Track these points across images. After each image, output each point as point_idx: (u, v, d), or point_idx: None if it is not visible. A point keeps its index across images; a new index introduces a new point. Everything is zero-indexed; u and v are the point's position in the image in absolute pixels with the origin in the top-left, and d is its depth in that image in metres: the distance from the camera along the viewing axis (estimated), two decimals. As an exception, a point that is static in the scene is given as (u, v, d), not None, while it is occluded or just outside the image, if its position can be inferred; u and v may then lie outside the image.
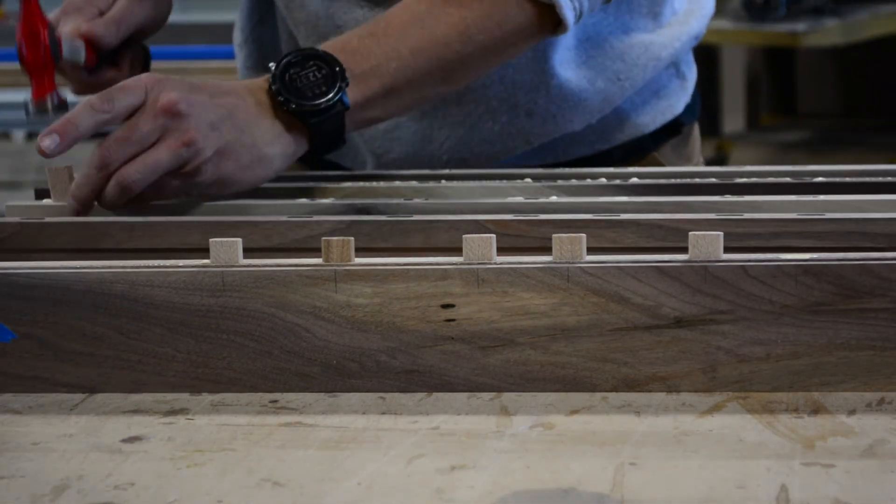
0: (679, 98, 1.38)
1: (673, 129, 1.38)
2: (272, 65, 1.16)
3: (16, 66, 1.26)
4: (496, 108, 1.30)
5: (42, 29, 1.23)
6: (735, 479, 0.74)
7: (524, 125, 1.31)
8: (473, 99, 1.31)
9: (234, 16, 1.44)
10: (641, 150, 1.36)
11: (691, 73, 1.40)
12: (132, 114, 1.11)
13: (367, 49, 1.18)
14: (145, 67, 1.34)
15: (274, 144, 1.15)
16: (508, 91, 1.30)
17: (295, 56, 1.16)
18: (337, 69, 1.16)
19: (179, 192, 1.13)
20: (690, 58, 1.40)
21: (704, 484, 0.74)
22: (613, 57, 1.31)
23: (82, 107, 1.11)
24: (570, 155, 1.34)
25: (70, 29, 1.25)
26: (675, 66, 1.37)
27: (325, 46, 1.18)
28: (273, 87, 1.15)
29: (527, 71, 1.29)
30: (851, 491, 0.72)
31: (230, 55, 1.51)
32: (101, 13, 1.27)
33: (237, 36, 1.43)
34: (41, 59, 1.23)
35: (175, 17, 1.40)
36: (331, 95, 1.15)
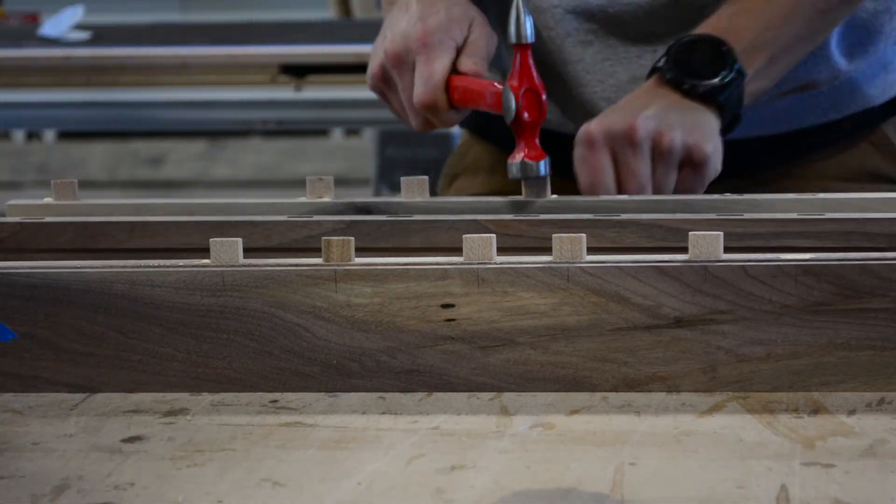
0: None
1: None
2: (660, 61, 1.19)
3: (16, 65, 1.24)
4: None
5: (541, 89, 1.15)
6: (735, 479, 0.74)
7: None
8: None
9: (234, 16, 1.43)
10: (870, 122, 1.36)
11: None
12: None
13: (739, 26, 1.21)
14: None
15: (697, 126, 1.17)
16: None
17: (678, 47, 1.19)
18: (723, 48, 1.18)
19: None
20: None
21: (704, 484, 0.74)
22: (857, 25, 1.31)
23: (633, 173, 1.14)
24: (803, 123, 1.34)
25: (445, 66, 1.19)
26: None
27: (698, 31, 1.21)
28: (669, 79, 1.18)
29: None
30: (851, 491, 0.72)
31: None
32: (457, 46, 1.21)
33: None
34: (538, 120, 1.15)
35: (175, 17, 1.40)
36: (729, 70, 1.18)
